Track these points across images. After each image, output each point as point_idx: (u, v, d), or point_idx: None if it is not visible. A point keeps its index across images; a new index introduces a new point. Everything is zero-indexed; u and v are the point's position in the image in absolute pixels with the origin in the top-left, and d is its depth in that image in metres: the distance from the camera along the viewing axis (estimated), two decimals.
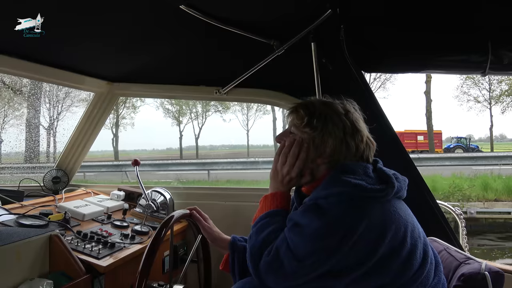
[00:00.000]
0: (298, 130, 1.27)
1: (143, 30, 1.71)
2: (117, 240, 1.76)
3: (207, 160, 15.18)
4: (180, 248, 2.14)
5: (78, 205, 2.09)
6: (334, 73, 1.78)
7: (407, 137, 23.15)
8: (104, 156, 25.71)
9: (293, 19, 1.61)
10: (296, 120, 1.28)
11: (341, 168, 1.17)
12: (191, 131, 29.73)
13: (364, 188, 1.09)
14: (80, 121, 2.47)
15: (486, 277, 1.12)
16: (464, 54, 1.51)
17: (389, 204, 1.12)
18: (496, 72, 1.53)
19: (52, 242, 1.45)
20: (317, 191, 1.16)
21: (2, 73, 2.00)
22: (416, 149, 22.01)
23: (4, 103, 15.00)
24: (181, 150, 30.26)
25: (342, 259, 1.03)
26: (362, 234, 1.03)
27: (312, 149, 1.23)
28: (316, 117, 1.25)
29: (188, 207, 1.68)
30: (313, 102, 1.32)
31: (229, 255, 1.51)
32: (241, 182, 12.07)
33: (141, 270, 1.33)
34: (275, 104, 2.28)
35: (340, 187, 1.11)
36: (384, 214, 1.08)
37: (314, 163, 1.24)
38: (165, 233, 1.45)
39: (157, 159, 17.51)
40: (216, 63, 2.07)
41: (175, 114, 29.14)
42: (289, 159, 1.25)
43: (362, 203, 1.08)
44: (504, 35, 1.44)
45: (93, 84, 2.26)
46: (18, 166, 7.81)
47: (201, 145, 32.16)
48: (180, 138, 29.77)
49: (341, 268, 1.05)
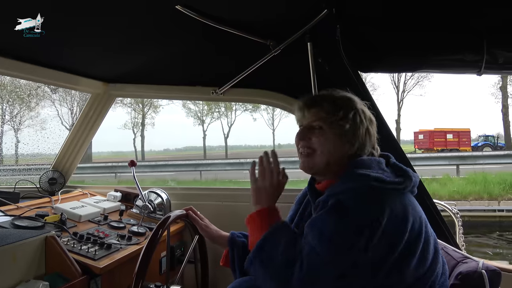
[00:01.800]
0: (327, 123, 1.23)
1: (140, 31, 1.71)
2: (113, 241, 1.75)
3: (241, 160, 14.61)
4: (177, 249, 2.14)
5: (75, 206, 2.07)
6: (331, 73, 1.79)
7: (437, 136, 23.25)
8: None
9: (289, 19, 1.62)
10: (322, 113, 1.24)
11: (357, 164, 1.17)
12: (211, 131, 29.25)
13: (383, 181, 1.10)
14: (76, 122, 2.46)
15: (483, 276, 1.13)
16: (459, 54, 1.52)
17: (406, 197, 1.13)
18: (492, 71, 1.53)
19: (48, 243, 1.45)
20: (335, 186, 1.15)
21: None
22: (446, 148, 21.96)
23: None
24: (204, 150, 29.78)
25: (371, 255, 1.02)
26: (386, 226, 1.02)
27: (343, 140, 1.22)
28: (344, 109, 1.24)
29: (184, 207, 1.67)
30: (332, 94, 1.31)
31: (229, 251, 1.52)
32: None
33: (138, 271, 1.33)
34: (271, 104, 2.28)
35: (359, 181, 1.11)
36: (403, 206, 1.08)
37: (342, 155, 1.22)
38: (161, 234, 1.45)
39: (191, 159, 17.19)
40: (212, 64, 2.06)
41: (198, 114, 28.94)
42: (324, 151, 1.22)
43: (383, 196, 1.08)
44: (499, 34, 1.45)
45: (89, 85, 2.25)
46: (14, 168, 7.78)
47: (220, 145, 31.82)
48: (203, 138, 29.49)
49: (368, 265, 1.03)
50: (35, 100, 17.07)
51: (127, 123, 29.08)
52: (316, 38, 1.69)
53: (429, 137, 24.00)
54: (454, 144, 22.83)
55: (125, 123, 29.17)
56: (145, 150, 30.53)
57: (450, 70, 1.70)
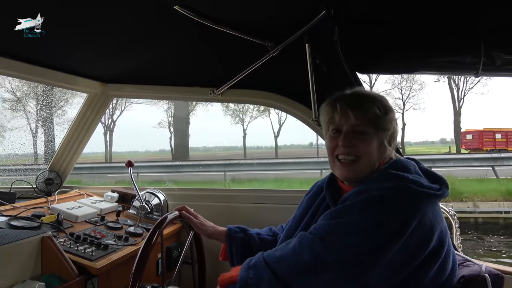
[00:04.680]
0: (374, 127, 1.18)
1: (137, 31, 1.70)
2: (110, 241, 1.74)
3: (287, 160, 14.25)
4: (174, 249, 2.13)
5: (71, 206, 2.07)
6: (329, 74, 1.79)
7: (486, 136, 22.75)
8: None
9: (288, 20, 1.62)
10: (370, 115, 1.18)
11: (394, 165, 1.14)
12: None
13: (422, 185, 1.08)
14: (74, 122, 2.45)
15: (486, 280, 1.13)
16: (457, 56, 1.52)
17: (437, 204, 1.12)
18: (489, 73, 1.53)
19: (45, 244, 1.44)
20: (368, 183, 1.12)
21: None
22: (494, 148, 21.42)
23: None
24: (245, 150, 28.66)
25: (391, 255, 1.01)
26: (413, 231, 1.01)
27: (386, 144, 1.20)
28: (391, 111, 1.22)
29: (176, 207, 1.67)
30: (374, 94, 1.26)
31: (227, 246, 1.53)
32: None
33: (135, 271, 1.32)
34: (269, 105, 2.28)
35: (397, 181, 1.08)
36: (434, 214, 1.07)
37: (382, 160, 1.20)
38: (158, 235, 1.45)
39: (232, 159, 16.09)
40: (210, 64, 2.06)
41: (238, 113, 27.99)
42: (370, 158, 1.18)
43: (418, 199, 1.06)
44: (496, 36, 1.45)
45: (86, 85, 2.25)
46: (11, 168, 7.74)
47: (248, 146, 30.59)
48: (244, 137, 28.41)
49: (388, 264, 1.02)
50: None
51: (162, 121, 28.18)
52: (314, 39, 1.69)
53: (478, 137, 23.32)
54: (502, 144, 22.29)
55: (160, 122, 28.37)
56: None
57: (448, 72, 1.70)
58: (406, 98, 26.88)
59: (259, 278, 1.13)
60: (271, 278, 1.11)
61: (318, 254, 1.07)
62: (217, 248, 1.67)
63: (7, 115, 15.45)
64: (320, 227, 1.12)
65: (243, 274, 1.16)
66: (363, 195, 1.09)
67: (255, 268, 1.16)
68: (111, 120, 27.13)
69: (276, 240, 1.54)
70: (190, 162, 16.22)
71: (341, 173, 1.23)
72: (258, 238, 1.56)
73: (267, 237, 1.58)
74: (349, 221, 1.06)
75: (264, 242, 1.55)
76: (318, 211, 1.35)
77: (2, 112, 15.57)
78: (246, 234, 1.56)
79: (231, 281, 1.22)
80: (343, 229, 1.06)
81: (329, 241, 1.07)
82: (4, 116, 15.00)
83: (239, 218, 1.63)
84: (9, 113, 16.11)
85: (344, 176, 1.24)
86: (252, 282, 1.14)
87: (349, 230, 1.05)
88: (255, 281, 1.13)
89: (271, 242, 1.55)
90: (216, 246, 1.68)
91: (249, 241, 1.54)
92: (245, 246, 1.52)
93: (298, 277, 1.08)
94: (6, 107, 16.41)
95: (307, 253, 1.08)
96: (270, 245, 1.51)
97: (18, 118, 15.82)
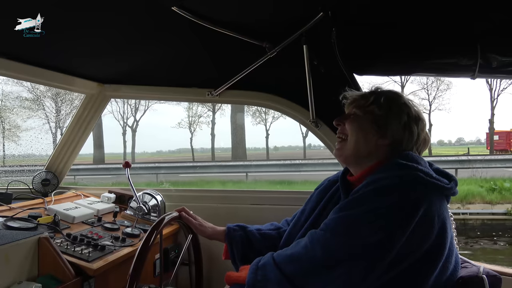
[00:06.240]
0: (361, 110, 1.24)
1: (135, 32, 1.70)
2: (107, 242, 1.74)
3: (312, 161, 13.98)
4: (172, 251, 2.13)
5: (68, 207, 2.06)
6: (326, 75, 1.79)
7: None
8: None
9: (285, 21, 1.62)
10: (361, 100, 1.26)
11: (403, 156, 1.15)
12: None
13: (431, 175, 1.09)
14: (71, 123, 2.44)
15: (484, 281, 1.13)
16: (453, 58, 1.53)
17: (444, 201, 1.12)
18: (485, 75, 1.54)
19: (41, 245, 1.43)
20: (377, 174, 1.13)
21: None
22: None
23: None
24: (267, 150, 28.01)
25: (401, 245, 1.01)
26: (420, 219, 1.02)
27: (375, 128, 1.21)
28: (382, 97, 1.24)
29: (176, 208, 1.67)
30: (379, 88, 1.33)
31: (227, 245, 1.53)
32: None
33: (132, 273, 1.32)
34: (267, 106, 2.28)
35: (406, 170, 1.09)
36: (441, 209, 1.08)
37: (374, 144, 1.22)
38: (155, 236, 1.45)
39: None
40: (208, 65, 2.06)
41: (261, 113, 27.24)
42: (352, 137, 1.23)
43: (426, 189, 1.06)
44: (492, 38, 1.46)
45: (84, 85, 2.24)
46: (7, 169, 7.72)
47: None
48: (266, 138, 27.64)
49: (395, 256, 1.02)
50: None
51: (182, 121, 27.71)
52: (311, 41, 1.69)
53: (505, 138, 22.85)
54: None
55: (180, 122, 27.90)
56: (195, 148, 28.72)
57: (444, 74, 1.71)
58: (432, 99, 25.84)
59: (267, 280, 1.13)
60: (280, 279, 1.11)
61: (329, 248, 1.07)
62: (215, 250, 1.67)
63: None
64: (330, 221, 1.13)
65: (251, 276, 1.16)
66: (372, 185, 1.09)
67: (264, 269, 1.16)
68: (133, 120, 26.82)
69: (279, 233, 1.53)
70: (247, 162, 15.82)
71: (335, 153, 1.32)
72: (259, 233, 1.55)
73: (268, 232, 1.57)
74: (358, 212, 1.07)
75: (265, 236, 1.54)
76: (328, 205, 1.37)
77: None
78: (246, 231, 1.55)
79: (239, 281, 1.22)
80: (352, 220, 1.07)
81: (340, 234, 1.07)
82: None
83: (237, 219, 1.63)
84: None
85: (336, 156, 1.31)
86: (260, 284, 1.14)
87: (358, 221, 1.06)
88: (263, 283, 1.13)
89: (274, 236, 1.54)
90: (214, 248, 1.68)
91: (249, 238, 1.53)
92: (245, 244, 1.52)
93: (310, 274, 1.08)
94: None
95: (319, 249, 1.08)
96: (272, 239, 1.51)
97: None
